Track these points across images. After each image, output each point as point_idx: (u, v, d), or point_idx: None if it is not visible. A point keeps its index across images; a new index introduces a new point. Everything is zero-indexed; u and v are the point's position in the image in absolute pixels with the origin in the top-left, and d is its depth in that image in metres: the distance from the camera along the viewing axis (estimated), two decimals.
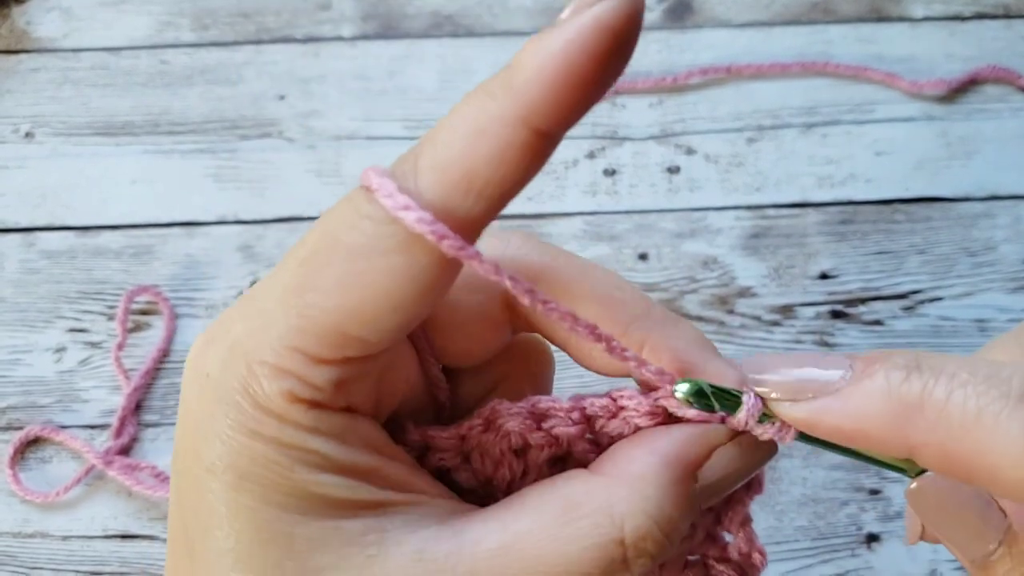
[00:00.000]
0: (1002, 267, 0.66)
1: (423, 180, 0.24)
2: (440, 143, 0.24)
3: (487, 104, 0.24)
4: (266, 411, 0.25)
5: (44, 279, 0.68)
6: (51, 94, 0.75)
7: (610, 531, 0.25)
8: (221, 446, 0.25)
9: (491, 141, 0.24)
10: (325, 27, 0.77)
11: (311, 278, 0.24)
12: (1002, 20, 0.75)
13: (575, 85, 0.23)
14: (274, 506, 0.24)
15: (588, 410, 0.28)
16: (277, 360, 0.25)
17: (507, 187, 0.24)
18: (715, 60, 0.74)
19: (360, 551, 0.25)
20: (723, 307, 0.66)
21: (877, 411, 0.24)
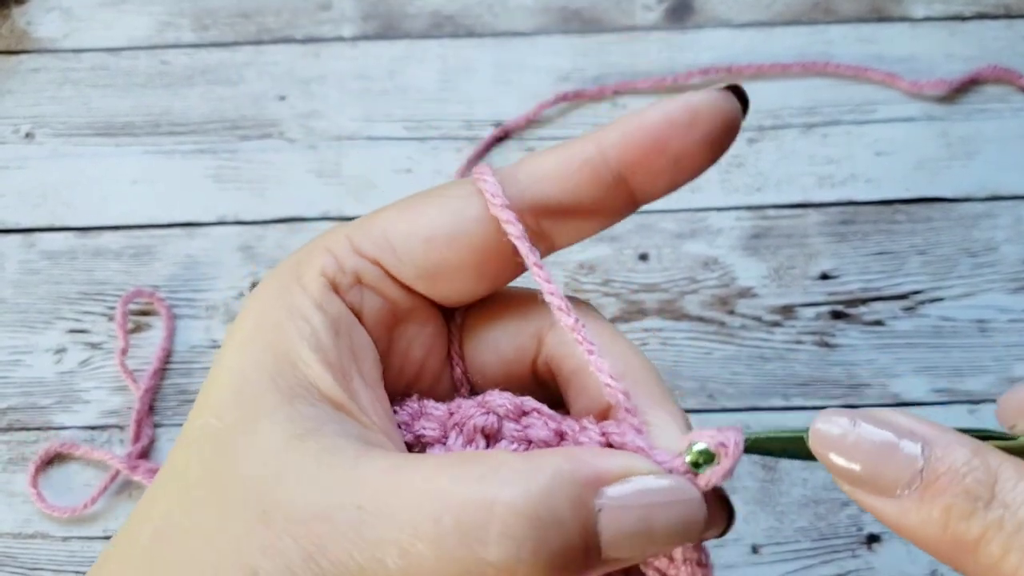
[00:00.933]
0: (1003, 267, 0.66)
1: (504, 168, 0.30)
2: (529, 155, 0.31)
3: (577, 139, 0.30)
4: (298, 280, 0.29)
5: (44, 280, 0.68)
6: (51, 94, 0.75)
7: (484, 491, 0.24)
8: (254, 304, 0.29)
9: (568, 148, 0.30)
10: (325, 27, 0.77)
11: (399, 200, 0.31)
12: (1003, 20, 0.75)
13: (645, 133, 0.29)
14: (258, 366, 0.28)
15: (569, 430, 0.29)
16: (330, 244, 0.30)
17: (567, 193, 0.30)
18: (715, 60, 0.74)
19: (292, 429, 0.27)
20: (723, 307, 0.66)
21: (933, 539, 0.24)
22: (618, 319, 0.65)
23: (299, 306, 0.29)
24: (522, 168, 0.30)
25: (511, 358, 0.32)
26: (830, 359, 0.64)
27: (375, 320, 0.30)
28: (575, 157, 0.30)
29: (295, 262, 0.30)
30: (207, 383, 0.29)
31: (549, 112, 0.73)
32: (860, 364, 0.64)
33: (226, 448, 0.27)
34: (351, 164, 0.71)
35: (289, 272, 0.30)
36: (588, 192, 0.30)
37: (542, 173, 0.30)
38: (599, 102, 0.73)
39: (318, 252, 0.30)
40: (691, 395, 0.63)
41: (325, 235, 0.31)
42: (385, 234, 0.30)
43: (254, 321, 0.29)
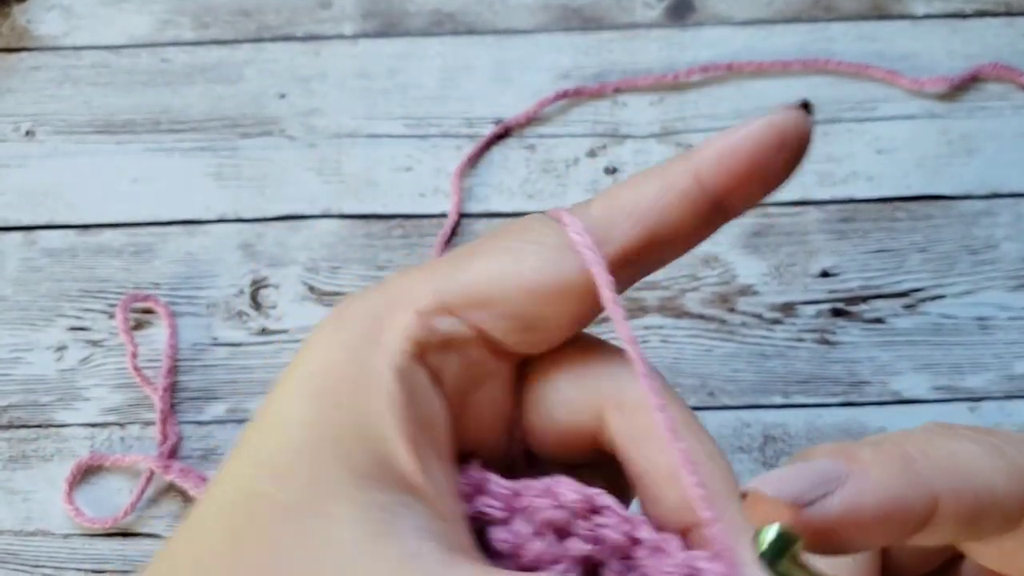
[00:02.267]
0: (1003, 265, 0.66)
1: (594, 203, 0.29)
2: (617, 184, 0.29)
3: (664, 163, 0.29)
4: (376, 339, 0.26)
5: (45, 277, 0.68)
6: (52, 92, 0.75)
7: None
8: (321, 356, 0.27)
9: (661, 178, 0.28)
10: (326, 25, 0.77)
11: (475, 245, 0.29)
12: (1004, 17, 0.75)
13: (742, 159, 0.28)
14: (326, 432, 0.25)
15: (638, 533, 0.27)
16: (414, 297, 0.27)
17: (666, 225, 0.28)
18: (716, 58, 0.74)
19: (370, 523, 0.24)
20: (724, 305, 0.66)
21: (897, 470, 0.22)
22: None
23: (378, 369, 0.26)
24: (609, 206, 0.28)
25: (566, 428, 0.29)
26: (831, 357, 0.64)
27: (454, 385, 0.28)
28: (674, 189, 0.28)
29: (371, 314, 0.27)
30: (260, 433, 0.26)
31: (549, 109, 0.73)
32: (861, 362, 0.64)
33: (292, 530, 0.24)
34: (351, 162, 0.71)
35: (365, 324, 0.27)
36: (686, 225, 0.29)
37: (637, 211, 0.28)
38: (600, 99, 0.73)
39: (401, 309, 0.27)
40: (691, 392, 0.63)
41: (405, 284, 0.28)
42: (481, 288, 0.27)
43: (323, 373, 0.26)
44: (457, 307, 0.27)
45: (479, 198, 0.70)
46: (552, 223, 0.28)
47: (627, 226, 0.28)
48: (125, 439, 0.63)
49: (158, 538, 0.60)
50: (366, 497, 0.24)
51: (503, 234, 0.29)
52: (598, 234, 0.28)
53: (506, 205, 0.69)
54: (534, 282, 0.27)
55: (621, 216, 0.28)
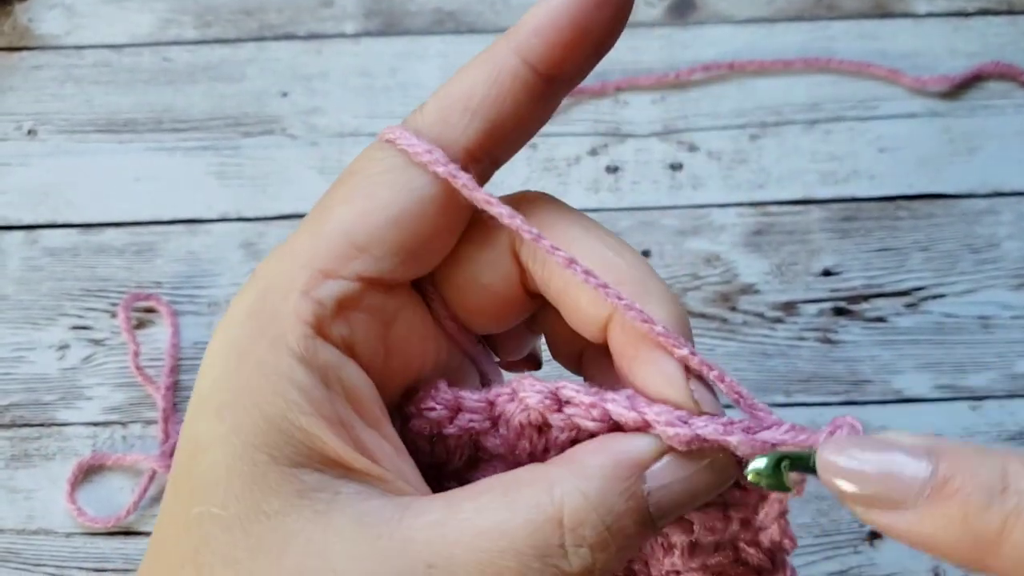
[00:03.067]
0: (1005, 264, 0.66)
1: (426, 108, 0.28)
2: (447, 82, 0.28)
3: (488, 47, 0.28)
4: (265, 334, 0.26)
5: (47, 276, 0.68)
6: (54, 91, 0.75)
7: (547, 509, 0.25)
8: (219, 372, 0.26)
9: (488, 66, 0.27)
10: (328, 24, 0.77)
11: (328, 200, 0.28)
12: (1006, 16, 0.75)
13: (564, 27, 0.27)
14: (246, 439, 0.25)
15: (613, 415, 0.28)
16: (287, 279, 0.26)
17: (502, 111, 0.27)
18: (718, 56, 0.74)
19: (310, 504, 0.25)
20: (726, 304, 0.66)
21: (954, 539, 0.23)
22: None
23: (276, 365, 0.26)
24: (442, 107, 0.28)
25: (500, 290, 0.30)
26: (832, 355, 0.64)
27: (369, 341, 0.28)
28: (502, 75, 0.27)
29: (251, 312, 0.26)
30: (186, 464, 0.26)
31: None
32: (862, 360, 0.64)
33: (242, 540, 0.25)
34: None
35: (250, 325, 0.26)
36: (524, 107, 0.28)
37: (471, 105, 0.27)
38: (601, 98, 0.73)
39: (280, 295, 0.26)
40: None
41: (275, 269, 0.27)
42: (349, 239, 0.27)
43: (225, 386, 0.26)
44: (334, 269, 0.27)
45: None
46: (389, 147, 0.28)
47: (465, 123, 0.27)
48: (127, 438, 0.63)
49: None
50: (300, 485, 0.25)
51: (349, 176, 0.28)
52: (438, 138, 0.27)
53: None
54: (395, 213, 0.27)
55: (456, 115, 0.28)
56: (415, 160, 0.27)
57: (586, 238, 0.29)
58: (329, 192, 0.28)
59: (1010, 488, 0.23)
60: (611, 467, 0.26)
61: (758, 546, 0.30)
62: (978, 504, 0.23)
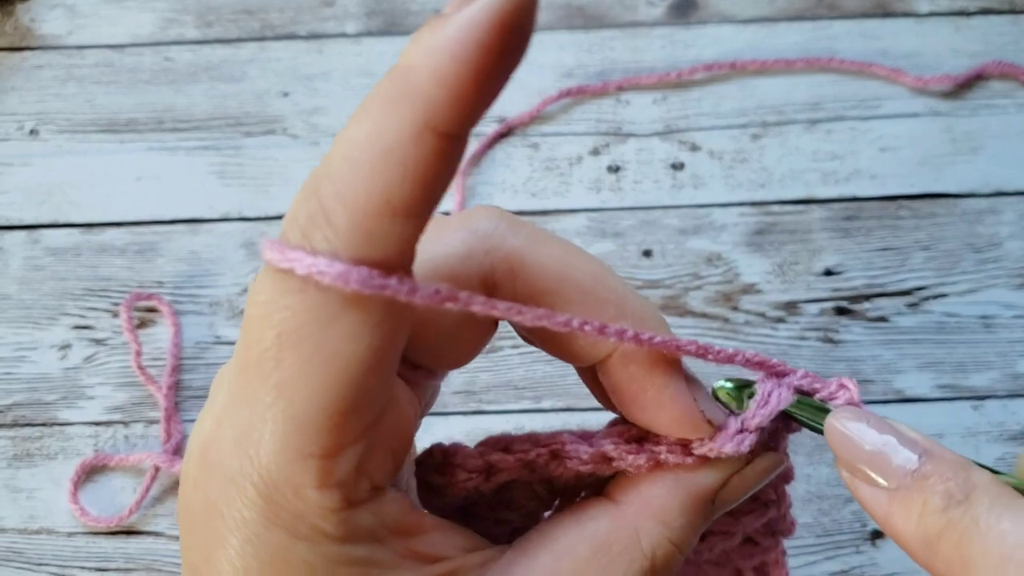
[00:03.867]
0: (1007, 263, 0.66)
1: (338, 224, 0.22)
2: (344, 179, 0.22)
3: (385, 120, 0.22)
4: (298, 536, 0.23)
5: (49, 276, 0.68)
6: (55, 91, 0.75)
7: (642, 563, 0.27)
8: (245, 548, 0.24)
9: (398, 158, 0.22)
10: (329, 24, 0.77)
11: (281, 380, 0.23)
12: (1008, 15, 0.74)
13: (477, 82, 0.21)
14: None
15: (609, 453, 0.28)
16: (293, 478, 0.23)
17: (428, 198, 0.22)
18: (719, 56, 0.74)
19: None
20: (727, 304, 0.66)
21: (909, 531, 0.26)
22: None
23: (331, 558, 0.24)
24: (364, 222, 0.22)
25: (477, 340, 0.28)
26: (834, 355, 0.64)
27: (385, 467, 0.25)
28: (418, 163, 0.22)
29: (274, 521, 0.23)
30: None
31: (553, 108, 0.73)
32: (864, 360, 0.63)
33: None
34: None
35: (282, 535, 0.23)
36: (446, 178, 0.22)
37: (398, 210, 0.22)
38: (602, 98, 0.73)
39: (294, 494, 0.23)
40: None
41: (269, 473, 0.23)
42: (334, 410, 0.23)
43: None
44: (336, 445, 0.23)
45: (482, 196, 0.70)
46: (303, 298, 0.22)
47: (396, 232, 0.22)
48: (129, 437, 0.63)
49: (161, 536, 0.61)
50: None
51: (287, 353, 0.23)
52: (371, 255, 0.22)
53: (509, 203, 0.69)
54: (363, 363, 0.23)
55: (381, 228, 0.22)
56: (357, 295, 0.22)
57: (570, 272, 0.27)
58: (269, 366, 0.23)
59: (967, 501, 0.25)
60: (691, 506, 0.28)
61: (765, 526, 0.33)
62: (934, 506, 0.25)
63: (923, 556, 0.26)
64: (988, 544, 0.24)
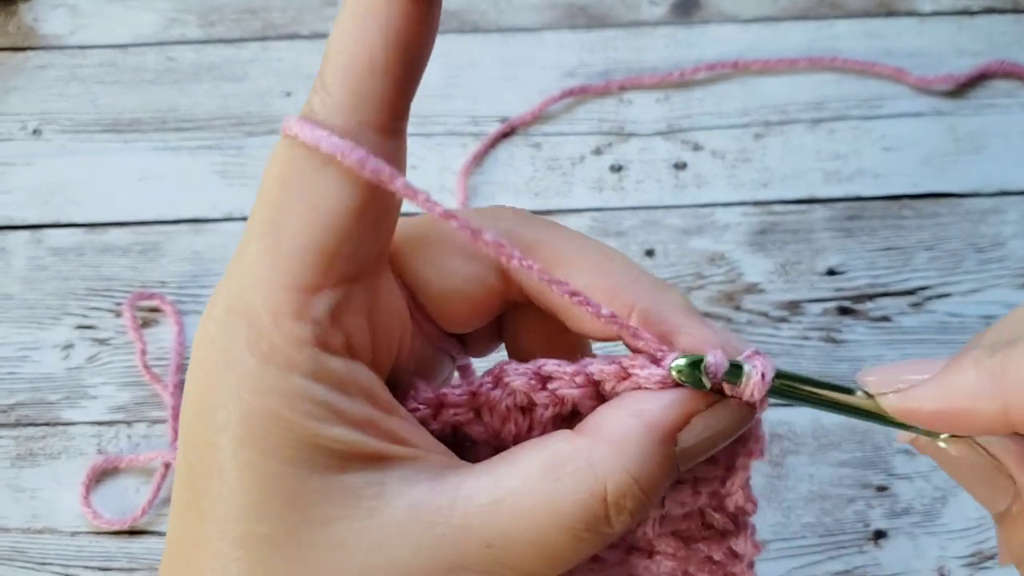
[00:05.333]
0: (1011, 263, 0.66)
1: (330, 88, 0.27)
2: (333, 49, 0.27)
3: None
4: (270, 362, 0.26)
5: (52, 276, 0.68)
6: (58, 91, 0.75)
7: (592, 487, 0.27)
8: (229, 405, 0.26)
9: (374, 19, 0.26)
10: (331, 23, 0.77)
11: (276, 216, 0.27)
12: (1011, 15, 0.74)
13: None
14: (280, 460, 0.26)
15: (595, 375, 0.29)
16: (273, 304, 0.26)
17: (406, 59, 0.27)
18: (722, 55, 0.74)
19: (361, 504, 0.26)
20: (730, 303, 0.66)
21: (969, 384, 0.26)
22: None
23: (295, 391, 0.26)
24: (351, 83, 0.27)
25: (479, 299, 0.30)
26: (837, 355, 0.64)
27: (360, 334, 0.28)
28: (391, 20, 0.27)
29: (254, 346, 0.26)
30: (205, 491, 0.26)
31: (555, 108, 0.73)
32: (867, 360, 0.63)
33: (298, 553, 0.26)
34: None
35: (258, 360, 0.26)
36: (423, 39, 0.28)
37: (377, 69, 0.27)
38: (605, 97, 0.73)
39: (273, 323, 0.26)
40: None
41: (252, 298, 0.27)
42: (317, 249, 0.26)
43: (248, 422, 0.26)
44: (315, 283, 0.27)
45: (485, 196, 0.70)
46: (304, 152, 0.27)
47: (378, 89, 0.27)
48: (132, 437, 0.63)
49: (164, 536, 0.61)
50: (347, 489, 0.26)
51: (282, 182, 0.27)
52: (355, 120, 0.26)
53: (512, 203, 0.69)
54: (351, 208, 0.27)
55: (364, 84, 0.27)
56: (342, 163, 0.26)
57: (578, 249, 0.30)
58: (267, 206, 0.27)
59: (1016, 340, 0.26)
60: (648, 438, 0.28)
61: (723, 511, 0.32)
62: (984, 352, 0.26)
63: (995, 401, 0.26)
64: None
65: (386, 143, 0.27)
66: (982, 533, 0.58)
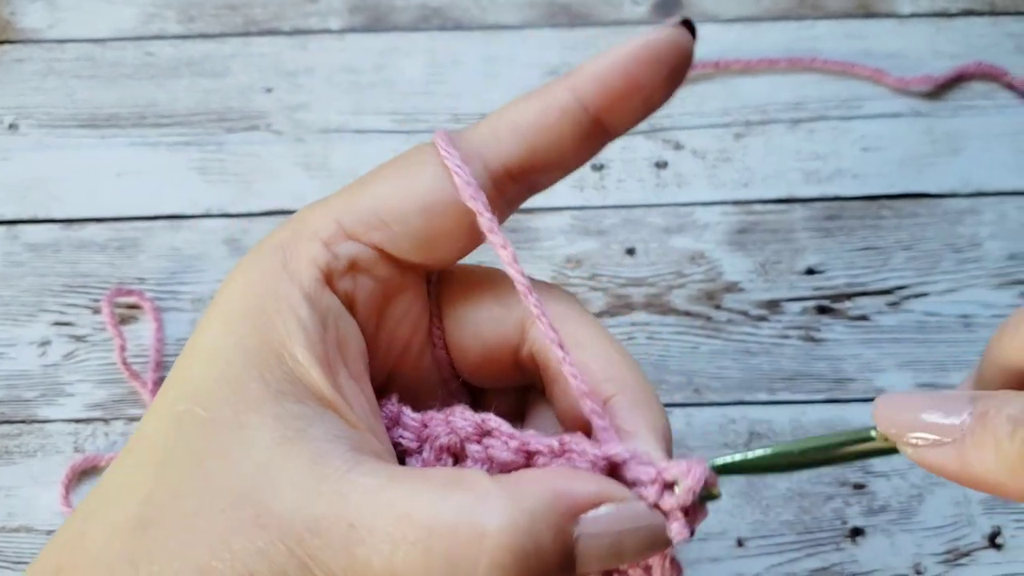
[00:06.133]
0: (987, 263, 0.67)
1: (481, 122, 0.31)
2: (505, 105, 0.31)
3: (553, 86, 0.30)
4: (283, 266, 0.29)
5: (28, 272, 0.68)
6: (35, 85, 0.74)
7: (473, 521, 0.25)
8: (237, 290, 0.29)
9: (542, 98, 0.30)
10: (312, 20, 0.76)
11: (369, 175, 0.31)
12: (988, 17, 0.75)
13: (619, 76, 0.29)
14: (244, 354, 0.28)
15: (531, 446, 0.29)
16: (315, 226, 0.30)
17: (549, 140, 0.30)
18: (703, 55, 0.74)
19: (281, 430, 0.27)
20: (710, 302, 0.66)
21: (991, 468, 0.25)
22: (605, 313, 0.66)
23: (288, 296, 0.28)
24: (493, 124, 0.31)
25: (492, 344, 0.32)
26: (815, 354, 0.64)
27: (367, 304, 0.30)
28: (553, 107, 0.30)
29: (280, 245, 0.29)
30: (187, 361, 0.29)
31: None
32: (845, 359, 0.64)
33: (213, 440, 0.27)
34: (338, 157, 0.71)
35: (276, 256, 0.29)
36: (568, 141, 0.30)
37: (520, 128, 0.30)
38: None
39: (306, 239, 0.29)
40: (677, 389, 0.63)
41: (309, 216, 0.30)
42: (377, 212, 0.30)
43: (239, 304, 0.29)
44: (357, 232, 0.30)
45: None
46: (433, 152, 0.30)
47: (510, 141, 0.30)
48: (109, 435, 0.63)
49: None
50: (279, 409, 0.27)
51: (396, 161, 0.31)
52: (482, 150, 0.30)
53: None
54: (424, 200, 0.30)
55: (504, 132, 0.30)
56: (453, 176, 0.29)
57: (596, 336, 0.31)
58: (376, 169, 0.31)
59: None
60: (549, 499, 0.26)
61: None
62: (1004, 432, 0.25)
63: (1016, 486, 0.25)
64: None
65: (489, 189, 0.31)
66: (958, 530, 0.59)
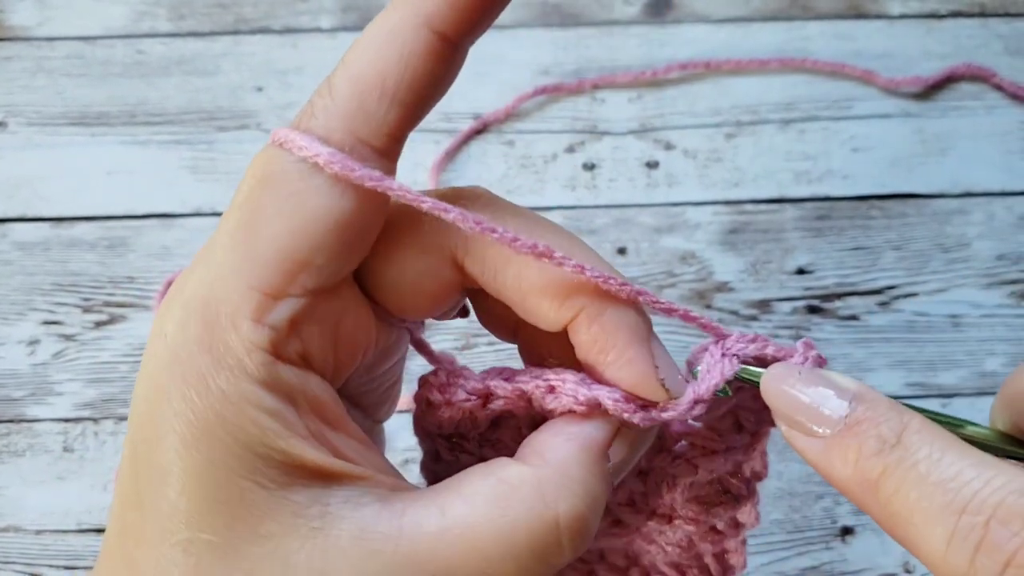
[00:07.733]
0: (975, 263, 0.67)
1: (337, 95, 0.26)
2: (351, 59, 0.27)
3: (390, 15, 0.27)
4: (222, 364, 0.25)
5: (17, 271, 0.67)
6: (25, 83, 0.74)
7: (543, 513, 0.27)
8: (177, 404, 0.25)
9: (397, 44, 0.26)
10: (303, 18, 0.76)
11: (252, 215, 0.26)
12: (978, 18, 0.75)
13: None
14: (225, 468, 0.25)
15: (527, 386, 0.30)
16: (233, 304, 0.26)
17: (418, 90, 0.27)
18: (694, 55, 0.74)
19: (305, 523, 0.26)
20: (701, 302, 0.66)
21: (846, 475, 0.26)
22: None
23: (243, 396, 0.25)
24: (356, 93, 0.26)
25: (437, 291, 0.30)
26: None
27: (321, 347, 0.28)
28: (416, 53, 0.26)
29: (207, 344, 0.26)
30: (150, 495, 0.26)
31: (527, 105, 0.73)
32: (835, 358, 0.64)
33: (240, 564, 0.25)
34: None
35: (209, 359, 0.26)
36: (437, 79, 0.27)
37: (388, 91, 0.26)
38: (578, 96, 0.73)
39: (231, 323, 0.26)
40: None
41: (215, 295, 0.26)
42: (290, 255, 0.26)
43: (194, 423, 0.25)
44: (282, 287, 0.26)
45: None
46: (291, 158, 0.26)
47: (384, 109, 0.27)
48: (99, 434, 0.63)
49: None
50: (293, 506, 0.25)
51: (262, 187, 0.26)
52: (358, 130, 0.26)
53: None
54: (329, 221, 0.26)
55: (373, 102, 0.26)
56: (328, 171, 0.26)
57: (543, 236, 0.29)
58: (244, 204, 0.26)
59: (901, 444, 0.25)
60: (587, 458, 0.28)
61: (740, 476, 0.34)
62: (869, 449, 0.26)
63: (863, 500, 0.26)
64: (926, 489, 0.24)
65: (377, 162, 0.27)
66: None
